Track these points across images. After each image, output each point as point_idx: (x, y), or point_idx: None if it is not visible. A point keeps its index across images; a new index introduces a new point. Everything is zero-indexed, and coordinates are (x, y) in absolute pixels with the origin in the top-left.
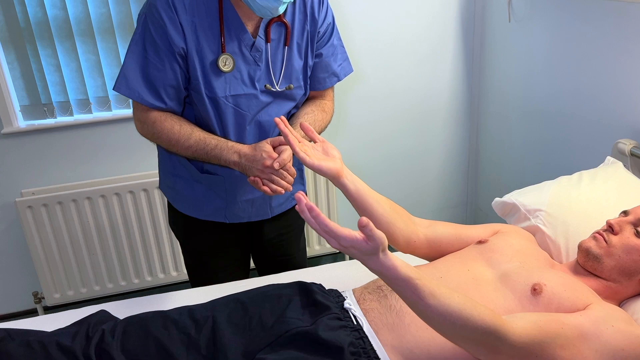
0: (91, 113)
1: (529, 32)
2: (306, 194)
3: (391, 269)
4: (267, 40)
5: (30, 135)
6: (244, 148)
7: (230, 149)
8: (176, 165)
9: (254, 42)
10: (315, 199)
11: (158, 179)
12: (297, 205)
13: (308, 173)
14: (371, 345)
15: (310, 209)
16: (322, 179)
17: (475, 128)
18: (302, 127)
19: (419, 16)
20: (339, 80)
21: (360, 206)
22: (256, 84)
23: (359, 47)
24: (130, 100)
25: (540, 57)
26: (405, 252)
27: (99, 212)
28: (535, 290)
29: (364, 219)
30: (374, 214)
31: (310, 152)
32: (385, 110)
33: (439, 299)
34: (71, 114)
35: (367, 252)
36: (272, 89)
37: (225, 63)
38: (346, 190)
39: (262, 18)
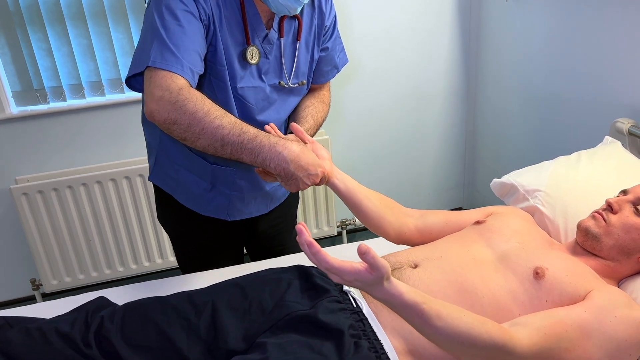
0: (84, 98)
1: (526, 11)
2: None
3: (397, 295)
4: (280, 34)
5: (23, 121)
6: (293, 150)
7: (274, 146)
8: (180, 153)
9: (267, 34)
10: (314, 198)
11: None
12: (297, 237)
13: None
14: (371, 327)
15: (309, 245)
16: None
17: (473, 109)
18: (293, 129)
19: None
20: (338, 71)
21: (351, 203)
22: (263, 76)
23: (354, 32)
24: (136, 81)
25: (538, 37)
26: (397, 243)
27: (95, 199)
28: (538, 274)
29: (364, 245)
30: (365, 210)
31: None
32: (382, 95)
33: (446, 320)
34: (64, 100)
35: (371, 282)
36: (286, 85)
37: (253, 55)
38: (336, 189)
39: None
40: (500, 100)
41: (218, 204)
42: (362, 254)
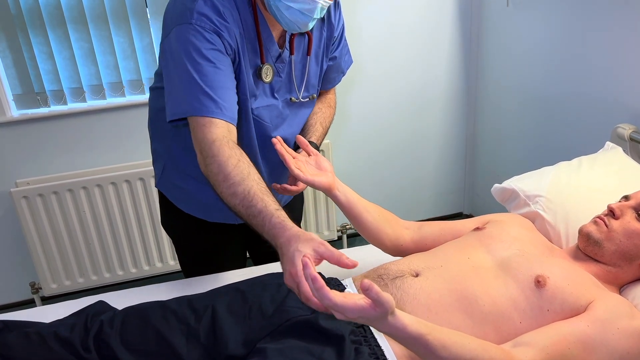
0: (85, 102)
1: (527, 16)
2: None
3: (401, 329)
4: (291, 52)
5: (24, 124)
6: (290, 241)
7: (272, 229)
8: (190, 163)
9: (280, 54)
10: (315, 202)
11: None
12: (302, 268)
13: None
14: (372, 333)
15: (314, 280)
16: None
17: (473, 114)
18: (298, 141)
19: (416, 1)
20: (344, 75)
21: (350, 215)
22: (275, 94)
23: (355, 37)
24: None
25: (539, 42)
26: (393, 255)
27: (95, 202)
28: (539, 283)
29: (366, 281)
30: (364, 222)
31: (303, 168)
32: (383, 99)
33: (451, 350)
34: (65, 103)
35: (376, 318)
36: (296, 100)
37: (267, 74)
38: (338, 201)
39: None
40: (501, 105)
41: (227, 211)
42: (366, 290)
